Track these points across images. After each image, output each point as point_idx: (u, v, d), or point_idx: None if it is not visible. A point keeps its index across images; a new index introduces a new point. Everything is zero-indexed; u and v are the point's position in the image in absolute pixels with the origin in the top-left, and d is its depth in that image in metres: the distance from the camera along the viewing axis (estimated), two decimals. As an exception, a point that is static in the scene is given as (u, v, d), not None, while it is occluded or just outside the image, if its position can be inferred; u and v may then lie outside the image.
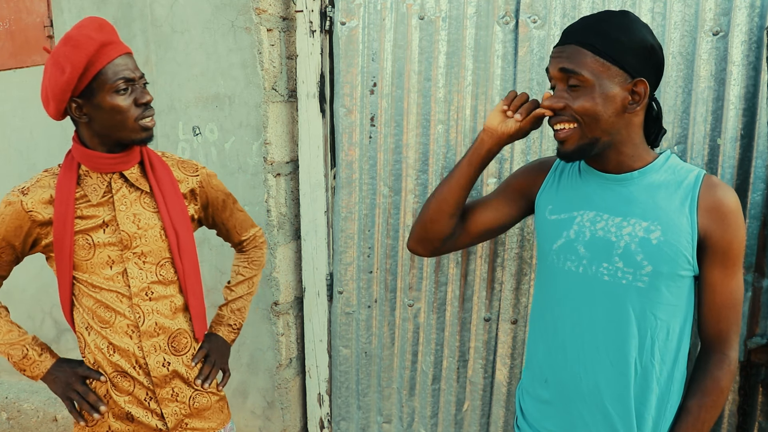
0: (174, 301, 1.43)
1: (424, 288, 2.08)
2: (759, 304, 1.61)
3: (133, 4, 2.29)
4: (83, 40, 1.23)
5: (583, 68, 1.12)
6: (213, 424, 1.51)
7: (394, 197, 2.07)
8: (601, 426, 1.22)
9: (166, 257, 1.41)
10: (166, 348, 1.42)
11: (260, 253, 1.73)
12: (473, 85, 1.89)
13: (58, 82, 1.24)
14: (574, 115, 1.15)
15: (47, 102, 1.30)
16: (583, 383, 1.23)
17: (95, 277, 1.36)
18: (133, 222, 1.37)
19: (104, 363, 1.39)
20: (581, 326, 1.23)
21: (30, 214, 1.32)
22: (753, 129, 1.57)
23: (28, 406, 2.87)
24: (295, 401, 2.39)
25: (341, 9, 2.04)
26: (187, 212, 1.45)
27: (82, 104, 1.28)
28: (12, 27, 2.63)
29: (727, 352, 1.18)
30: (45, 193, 1.33)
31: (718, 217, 1.13)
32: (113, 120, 1.28)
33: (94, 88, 1.26)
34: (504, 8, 1.81)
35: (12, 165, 2.75)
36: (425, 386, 2.13)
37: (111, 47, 1.26)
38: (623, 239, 1.17)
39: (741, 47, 1.55)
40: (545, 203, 1.33)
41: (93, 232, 1.35)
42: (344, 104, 2.08)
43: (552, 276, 1.29)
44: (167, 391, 1.43)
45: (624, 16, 1.15)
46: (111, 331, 1.38)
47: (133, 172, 1.39)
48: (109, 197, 1.36)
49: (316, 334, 2.31)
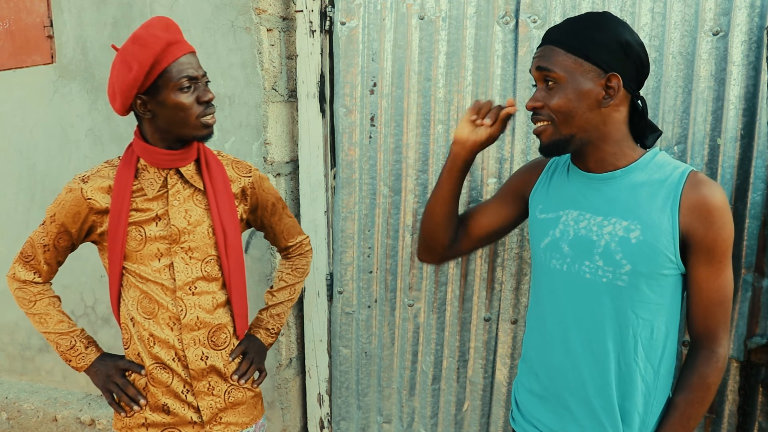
0: (216, 298, 1.47)
1: (424, 288, 2.08)
2: (759, 304, 1.61)
3: (133, 4, 2.29)
4: (150, 39, 1.27)
5: (556, 66, 1.15)
6: (246, 419, 1.54)
7: (394, 197, 2.07)
8: (587, 419, 1.25)
9: (213, 254, 1.45)
10: (205, 342, 1.45)
11: (305, 261, 1.76)
12: (473, 85, 1.89)
13: (126, 79, 1.28)
14: (549, 114, 1.19)
15: (114, 97, 1.34)
16: (570, 377, 1.26)
17: (143, 268, 1.41)
18: (184, 218, 1.42)
19: (145, 355, 1.44)
20: (566, 322, 1.26)
21: (89, 201, 1.37)
22: (753, 129, 1.57)
23: (28, 406, 2.87)
24: (295, 401, 2.39)
25: (341, 9, 2.04)
26: (236, 212, 1.49)
27: (146, 101, 1.32)
28: (12, 27, 2.63)
29: (715, 349, 1.18)
30: (104, 182, 1.39)
31: (700, 215, 1.13)
32: (176, 117, 1.33)
33: (159, 86, 1.30)
34: (504, 8, 1.81)
35: (12, 165, 2.75)
36: (425, 386, 2.13)
37: (176, 46, 1.31)
38: (604, 238, 1.19)
39: (741, 47, 1.55)
40: (536, 202, 1.36)
41: (146, 224, 1.40)
42: (344, 104, 2.08)
43: (541, 273, 1.33)
44: (204, 385, 1.46)
45: (600, 16, 1.18)
46: (153, 323, 1.42)
47: (189, 169, 1.43)
48: (164, 192, 1.41)
49: (316, 334, 2.31)
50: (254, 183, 1.56)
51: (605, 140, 1.20)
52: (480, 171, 1.92)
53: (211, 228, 1.44)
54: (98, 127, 2.46)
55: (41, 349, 2.92)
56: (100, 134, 2.46)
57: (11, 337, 3.00)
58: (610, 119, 1.18)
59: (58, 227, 1.41)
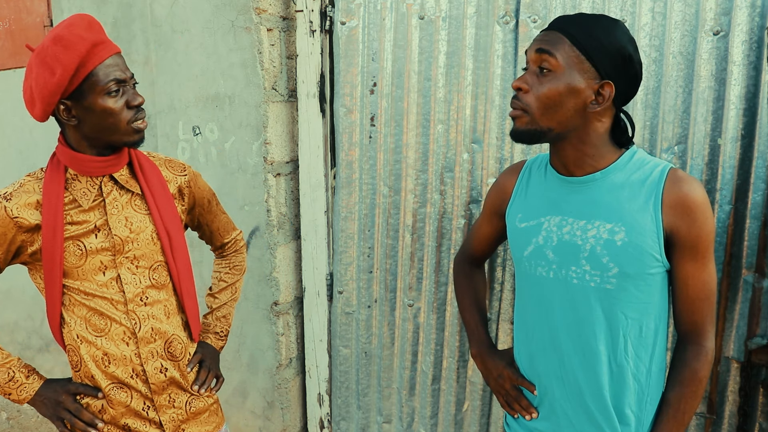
0: (167, 305, 1.41)
1: (424, 288, 2.08)
2: (759, 304, 1.61)
3: (133, 4, 2.29)
4: (75, 40, 1.18)
5: (558, 53, 1.13)
6: (209, 427, 1.49)
7: (394, 197, 2.07)
8: (584, 423, 1.25)
9: (159, 260, 1.38)
10: (163, 354, 1.39)
11: (241, 257, 1.69)
12: (473, 85, 1.89)
13: (48, 84, 1.19)
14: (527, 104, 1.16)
15: (32, 103, 1.24)
16: (563, 382, 1.26)
17: (87, 284, 1.31)
18: (126, 226, 1.33)
19: (99, 376, 1.35)
20: (556, 328, 1.25)
21: (16, 220, 1.25)
22: (753, 129, 1.57)
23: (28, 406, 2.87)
24: (295, 401, 2.39)
25: (341, 9, 2.04)
26: (178, 213, 1.42)
27: (71, 106, 1.23)
28: (12, 27, 2.63)
29: (704, 343, 1.19)
30: (31, 197, 1.27)
31: (683, 212, 1.13)
32: (105, 123, 1.24)
33: (85, 90, 1.21)
34: (504, 8, 1.81)
35: (12, 165, 2.75)
36: (425, 386, 2.13)
37: (102, 47, 1.22)
38: (589, 242, 1.18)
39: (741, 47, 1.55)
40: (515, 212, 1.35)
41: (84, 237, 1.30)
42: (344, 104, 2.08)
43: (526, 282, 1.32)
44: (164, 398, 1.40)
45: (613, 22, 1.16)
46: (106, 340, 1.33)
47: (122, 173, 1.35)
48: (100, 201, 1.32)
49: (316, 334, 2.31)
50: (190, 181, 1.48)
51: (584, 142, 1.19)
52: (480, 171, 1.91)
53: (155, 233, 1.36)
54: (98, 126, 2.46)
55: (41, 349, 2.92)
56: (100, 134, 2.46)
57: (11, 337, 3.00)
58: (592, 126, 1.18)
59: None
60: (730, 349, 1.67)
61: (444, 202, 1.99)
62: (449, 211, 1.98)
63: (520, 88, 1.17)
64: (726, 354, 1.68)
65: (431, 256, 2.03)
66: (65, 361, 2.78)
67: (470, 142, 1.92)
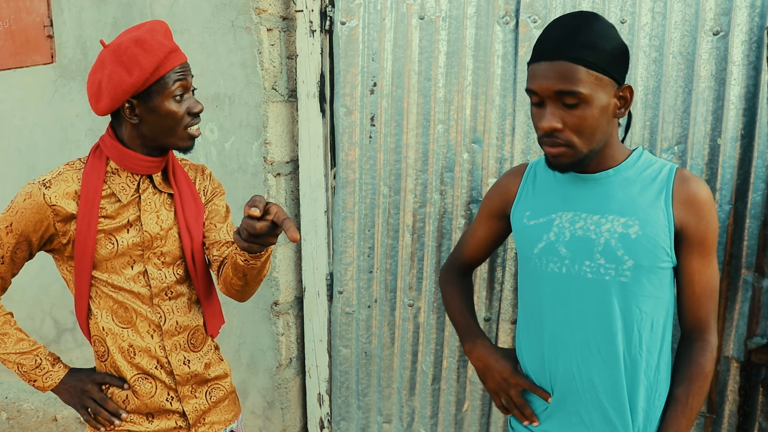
0: (190, 298, 1.45)
1: (424, 288, 2.08)
2: (759, 304, 1.61)
3: (133, 4, 2.29)
4: (155, 45, 1.25)
5: (581, 85, 1.10)
6: (228, 416, 1.53)
7: (394, 197, 2.07)
8: (598, 422, 1.25)
9: (181, 257, 1.43)
10: (185, 345, 1.43)
11: None
12: (473, 85, 1.89)
13: (122, 83, 1.24)
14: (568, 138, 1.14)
15: (99, 97, 1.28)
16: (578, 381, 1.25)
17: (116, 277, 1.35)
18: (156, 223, 1.38)
19: (125, 367, 1.39)
20: (570, 325, 1.25)
21: (53, 207, 1.29)
22: (753, 129, 1.57)
23: (28, 406, 2.87)
24: (295, 401, 2.39)
25: (341, 9, 2.04)
26: (203, 214, 1.46)
27: (136, 105, 1.28)
28: (12, 27, 2.63)
29: (709, 339, 1.22)
30: (70, 187, 1.31)
31: (692, 209, 1.17)
32: (164, 125, 1.30)
33: (153, 92, 1.27)
34: (504, 8, 1.81)
35: (12, 165, 2.75)
36: (425, 386, 2.13)
37: (174, 55, 1.28)
38: (603, 236, 1.20)
39: (741, 47, 1.55)
40: (522, 211, 1.34)
41: (117, 232, 1.34)
42: (344, 104, 2.08)
43: (536, 279, 1.31)
44: (188, 389, 1.44)
45: (599, 21, 1.13)
46: (132, 332, 1.38)
47: (157, 175, 1.40)
48: (136, 197, 1.37)
49: (316, 334, 2.31)
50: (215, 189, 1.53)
51: (608, 145, 1.21)
52: (480, 171, 1.91)
53: (178, 232, 1.41)
54: (98, 126, 2.46)
55: (41, 349, 2.92)
56: (99, 134, 2.46)
57: (11, 337, 3.00)
58: (614, 125, 1.20)
59: (16, 237, 1.31)
60: (730, 349, 1.67)
61: (444, 202, 1.99)
62: (449, 211, 1.98)
63: (555, 128, 1.13)
64: (726, 353, 1.68)
65: (431, 256, 2.03)
66: (65, 360, 2.78)
67: (470, 142, 1.92)
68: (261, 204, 1.08)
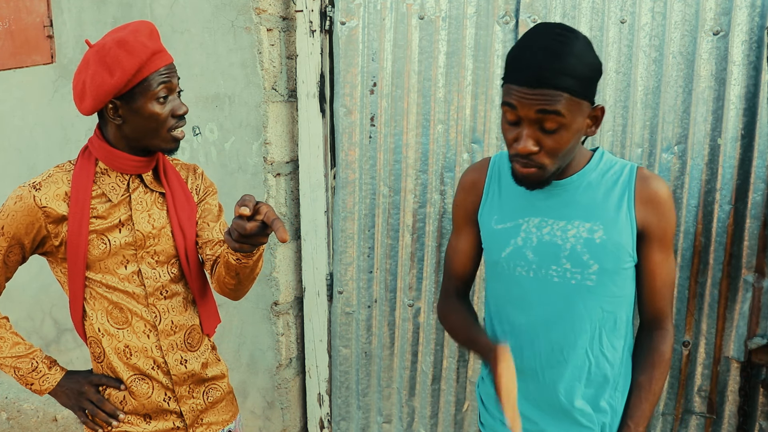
0: (185, 297, 1.45)
1: (424, 288, 2.08)
2: (759, 304, 1.61)
3: (133, 4, 2.29)
4: (138, 47, 1.24)
5: (562, 111, 1.09)
6: (226, 416, 1.53)
7: (394, 197, 2.07)
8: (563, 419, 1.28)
9: (175, 255, 1.43)
10: (182, 345, 1.43)
11: None
12: (473, 85, 1.89)
13: (104, 84, 1.24)
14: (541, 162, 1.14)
15: (83, 97, 1.29)
16: (539, 378, 1.29)
17: (110, 277, 1.35)
18: (148, 222, 1.38)
19: (121, 368, 1.38)
20: (535, 328, 1.27)
21: (44, 209, 1.29)
22: (753, 129, 1.57)
23: (28, 406, 2.87)
24: (295, 401, 2.39)
25: (341, 9, 2.04)
26: (195, 213, 1.46)
27: (119, 106, 1.28)
28: (12, 27, 2.63)
29: (668, 327, 1.27)
30: (59, 188, 1.31)
31: (654, 207, 1.20)
32: (148, 126, 1.29)
33: (136, 93, 1.26)
34: (504, 8, 1.81)
35: (12, 165, 2.75)
36: (425, 386, 2.13)
37: (159, 56, 1.28)
38: (569, 241, 1.22)
39: (741, 47, 1.55)
40: (490, 214, 1.34)
41: (109, 232, 1.34)
42: (344, 104, 2.08)
43: (504, 283, 1.32)
44: (185, 389, 1.44)
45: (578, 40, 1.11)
46: (128, 332, 1.37)
47: (148, 174, 1.40)
48: (126, 197, 1.37)
49: (316, 334, 2.31)
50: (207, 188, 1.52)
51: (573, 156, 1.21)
52: (480, 171, 1.91)
53: (171, 231, 1.41)
54: (98, 127, 2.46)
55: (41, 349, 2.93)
56: (100, 134, 2.46)
57: (11, 337, 3.00)
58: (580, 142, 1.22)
59: (9, 241, 1.31)
60: (730, 349, 1.67)
61: (444, 202, 1.99)
62: (449, 211, 1.98)
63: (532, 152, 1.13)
64: (726, 354, 1.68)
65: (431, 256, 2.03)
66: (65, 360, 2.78)
67: (470, 142, 1.92)
68: (251, 203, 1.08)
